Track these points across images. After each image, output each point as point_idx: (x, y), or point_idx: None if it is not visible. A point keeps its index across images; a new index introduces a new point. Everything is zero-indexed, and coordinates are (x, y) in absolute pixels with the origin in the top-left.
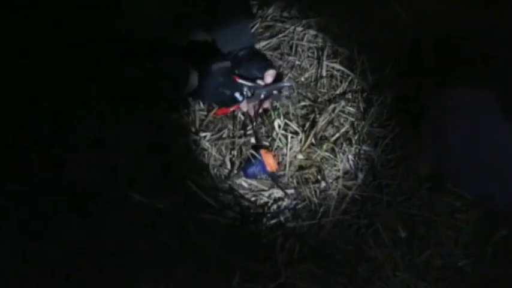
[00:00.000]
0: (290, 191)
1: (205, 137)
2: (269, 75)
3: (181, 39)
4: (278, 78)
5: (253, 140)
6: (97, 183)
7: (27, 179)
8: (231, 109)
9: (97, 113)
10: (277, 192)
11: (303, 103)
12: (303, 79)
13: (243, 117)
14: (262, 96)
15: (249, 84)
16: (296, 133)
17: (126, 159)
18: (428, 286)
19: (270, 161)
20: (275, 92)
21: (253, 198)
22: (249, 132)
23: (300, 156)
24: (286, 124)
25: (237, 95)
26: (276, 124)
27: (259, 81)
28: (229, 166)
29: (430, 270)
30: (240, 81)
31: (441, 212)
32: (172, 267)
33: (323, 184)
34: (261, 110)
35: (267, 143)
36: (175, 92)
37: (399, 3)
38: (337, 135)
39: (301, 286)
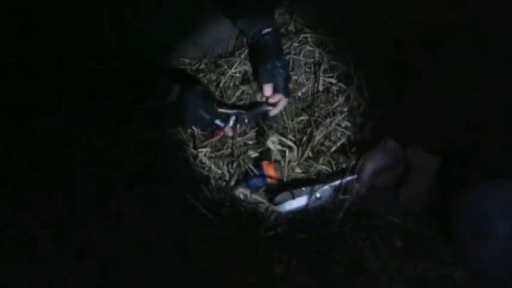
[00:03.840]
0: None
1: (203, 151)
2: (267, 89)
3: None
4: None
5: (252, 154)
6: (93, 197)
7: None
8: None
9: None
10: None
11: (299, 117)
12: (300, 94)
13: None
14: (246, 121)
15: (232, 111)
16: (291, 148)
17: (124, 173)
18: None
19: (271, 173)
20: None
21: (251, 211)
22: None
23: (298, 170)
24: (280, 140)
25: (218, 121)
26: (269, 142)
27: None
28: (227, 179)
29: (426, 283)
30: (222, 110)
31: (436, 224)
32: (170, 280)
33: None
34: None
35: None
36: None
37: (391, 18)
38: (333, 148)
39: None
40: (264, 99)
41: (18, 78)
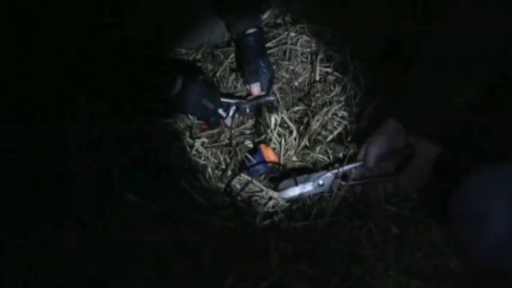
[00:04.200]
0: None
1: (200, 140)
2: (254, 88)
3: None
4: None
5: (249, 144)
6: (91, 185)
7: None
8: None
9: (89, 117)
10: (272, 193)
11: (296, 107)
12: (296, 83)
13: None
14: (247, 110)
15: (233, 101)
16: (291, 132)
17: (121, 160)
18: (421, 285)
19: (269, 155)
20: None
21: (247, 200)
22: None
23: (294, 159)
24: (282, 122)
25: (221, 111)
26: (272, 120)
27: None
28: (224, 168)
29: (422, 270)
30: (224, 99)
31: (433, 213)
32: (166, 268)
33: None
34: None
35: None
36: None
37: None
38: (330, 137)
39: (294, 286)
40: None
41: (18, 78)
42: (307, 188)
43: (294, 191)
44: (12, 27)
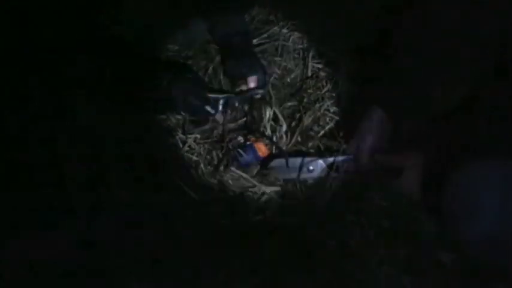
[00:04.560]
0: (276, 188)
1: (192, 136)
2: (252, 81)
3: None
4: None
5: (242, 140)
6: (84, 182)
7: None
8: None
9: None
10: (265, 188)
11: (288, 103)
12: (288, 80)
13: None
14: (236, 104)
15: (221, 96)
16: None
17: (114, 157)
18: (412, 279)
19: (261, 147)
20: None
21: (239, 195)
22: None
23: None
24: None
25: (209, 108)
26: (267, 114)
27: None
28: (216, 164)
29: (414, 264)
30: (212, 95)
31: (425, 207)
32: (159, 265)
33: (309, 181)
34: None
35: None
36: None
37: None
38: (322, 132)
39: (287, 281)
40: None
41: (18, 78)
42: (297, 171)
43: (283, 172)
44: (12, 27)
